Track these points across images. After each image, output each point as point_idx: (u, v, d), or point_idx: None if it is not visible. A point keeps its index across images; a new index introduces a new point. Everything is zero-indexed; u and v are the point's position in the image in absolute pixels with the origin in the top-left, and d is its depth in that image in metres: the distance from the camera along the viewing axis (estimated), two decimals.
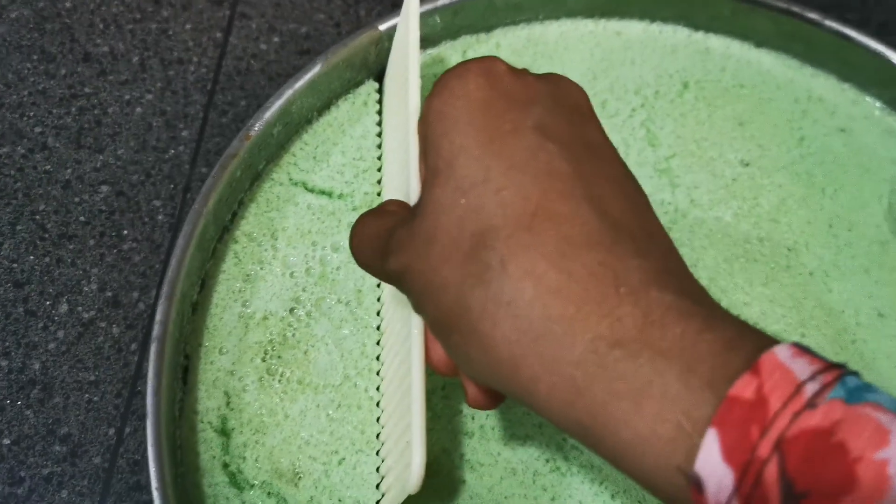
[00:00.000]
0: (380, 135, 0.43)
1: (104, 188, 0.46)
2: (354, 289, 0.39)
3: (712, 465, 0.20)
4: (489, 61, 0.28)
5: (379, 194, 0.42)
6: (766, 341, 0.22)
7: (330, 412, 0.37)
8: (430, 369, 0.30)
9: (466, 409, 0.37)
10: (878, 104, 0.45)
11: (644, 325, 0.22)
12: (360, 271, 0.40)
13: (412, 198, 0.30)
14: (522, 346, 0.23)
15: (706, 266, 0.41)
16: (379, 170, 0.42)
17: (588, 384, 0.22)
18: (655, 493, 0.23)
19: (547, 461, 0.36)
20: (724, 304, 0.39)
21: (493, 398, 0.29)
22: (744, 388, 0.20)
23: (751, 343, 0.22)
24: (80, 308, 0.42)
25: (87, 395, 0.40)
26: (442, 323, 0.25)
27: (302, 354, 0.38)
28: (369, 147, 0.43)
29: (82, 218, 0.45)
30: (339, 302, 0.39)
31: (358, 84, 0.45)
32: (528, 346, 0.23)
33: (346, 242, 0.40)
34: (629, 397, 0.22)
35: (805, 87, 0.45)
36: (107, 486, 0.39)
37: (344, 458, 0.36)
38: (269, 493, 0.35)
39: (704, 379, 0.21)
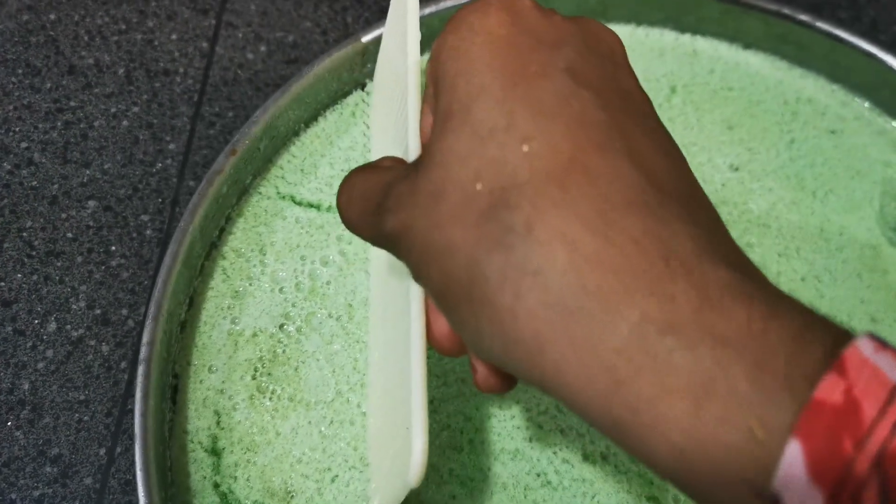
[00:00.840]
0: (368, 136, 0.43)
1: (91, 203, 0.45)
2: (345, 303, 0.39)
3: (795, 483, 0.17)
4: None
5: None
6: (839, 332, 0.19)
7: (322, 429, 0.37)
8: (432, 348, 0.27)
9: (455, 423, 0.37)
10: (867, 105, 0.45)
11: (701, 308, 0.19)
12: (350, 285, 0.39)
13: (411, 156, 0.27)
14: (550, 323, 0.20)
15: None
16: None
17: (632, 375, 0.19)
18: (702, 498, 0.20)
19: (538, 475, 0.36)
20: None
21: (506, 381, 0.26)
22: (830, 390, 0.17)
23: (824, 333, 0.19)
24: (68, 326, 0.42)
25: (77, 415, 0.40)
26: (448, 292, 0.22)
27: (293, 371, 0.38)
28: (357, 158, 0.43)
29: (69, 234, 0.44)
30: (330, 317, 0.39)
31: (345, 94, 0.44)
32: (557, 324, 0.20)
33: (335, 256, 0.40)
34: (685, 395, 0.19)
35: (794, 88, 0.45)
36: None
37: (337, 476, 0.36)
38: None
39: (779, 377, 0.18)
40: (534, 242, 0.20)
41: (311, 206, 0.41)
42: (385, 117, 0.37)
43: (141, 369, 0.34)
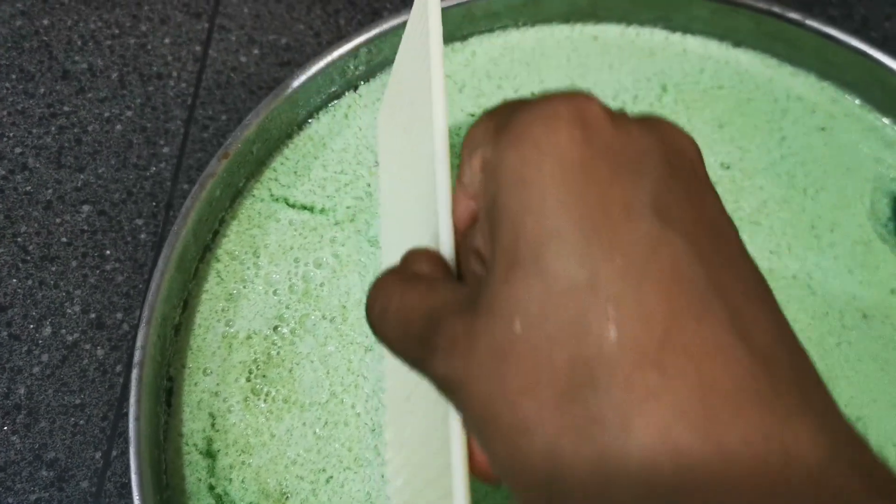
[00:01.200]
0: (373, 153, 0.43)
1: (85, 208, 0.45)
2: (339, 305, 0.39)
3: None
4: (582, 101, 0.21)
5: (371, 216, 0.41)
6: None
7: (317, 430, 0.37)
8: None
9: None
10: (858, 102, 0.45)
11: None
12: (343, 287, 0.39)
13: (443, 250, 0.24)
14: None
15: None
16: (369, 184, 0.42)
17: None
18: None
19: None
20: None
21: None
22: None
23: None
24: (63, 331, 0.42)
25: (73, 419, 0.40)
26: (514, 474, 0.19)
27: (287, 373, 0.38)
28: (350, 160, 0.43)
29: (64, 239, 0.45)
30: (324, 318, 0.39)
31: (338, 96, 0.44)
32: None
33: (328, 258, 0.40)
34: None
35: (784, 86, 0.45)
36: None
37: (332, 476, 0.36)
38: None
39: None
40: (632, 444, 0.17)
41: (304, 208, 0.41)
42: (402, 173, 0.34)
43: (135, 373, 0.34)
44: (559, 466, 0.18)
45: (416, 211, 0.28)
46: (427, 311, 0.21)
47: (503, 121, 0.21)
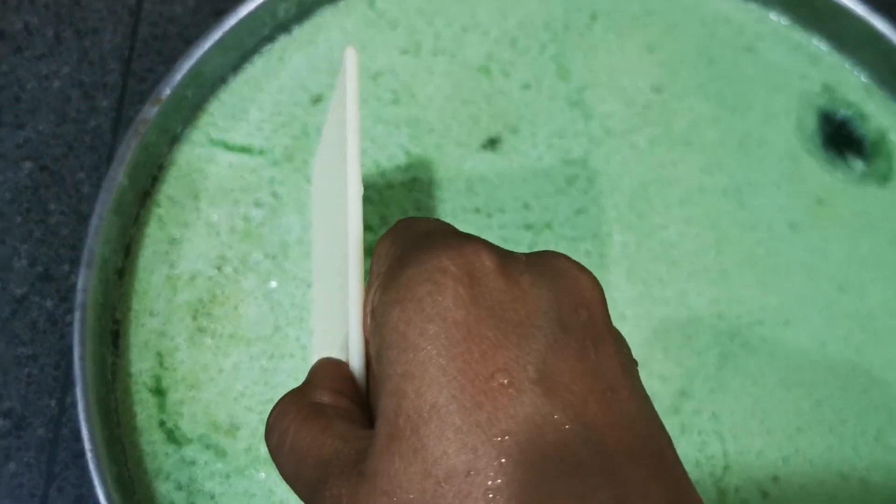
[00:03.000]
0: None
1: (27, 164, 0.46)
2: (280, 242, 0.40)
3: None
4: (472, 252, 0.20)
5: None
6: None
7: (263, 363, 0.38)
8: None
9: None
10: (783, 21, 0.46)
11: None
12: (284, 225, 0.40)
13: (352, 363, 0.23)
14: None
15: (623, 192, 0.42)
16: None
17: None
18: None
19: None
20: (641, 227, 0.40)
21: None
22: None
23: None
24: (12, 285, 0.43)
25: (26, 369, 0.41)
26: None
27: (232, 310, 0.39)
28: (286, 102, 0.43)
29: (8, 195, 0.45)
30: (266, 256, 0.40)
31: (271, 39, 0.45)
32: None
33: (267, 198, 0.41)
34: None
35: (711, 8, 0.46)
36: (52, 455, 0.40)
37: None
38: (207, 446, 0.36)
39: None
40: None
41: (242, 150, 0.42)
42: (327, 236, 0.33)
43: (77, 315, 0.35)
44: None
45: (336, 287, 0.27)
46: (318, 461, 0.21)
47: (400, 257, 0.21)
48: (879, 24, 0.42)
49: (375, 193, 0.41)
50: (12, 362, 0.41)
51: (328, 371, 0.24)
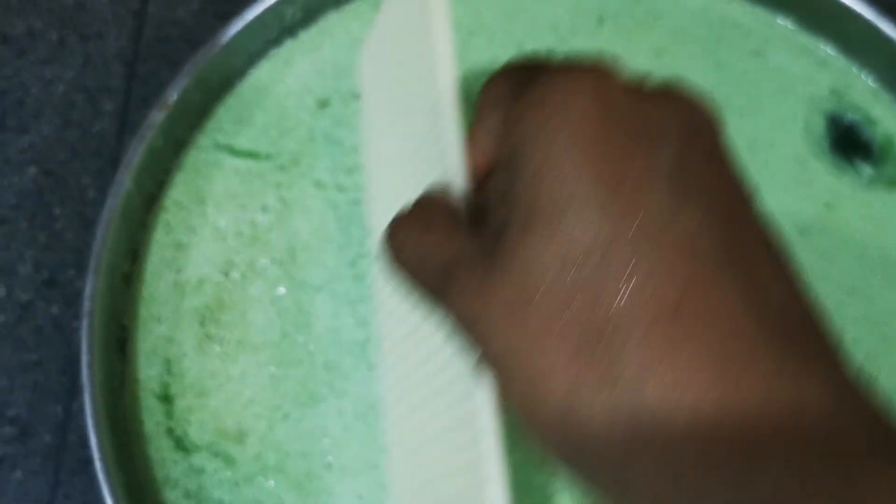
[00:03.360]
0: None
1: (32, 169, 0.45)
2: (287, 248, 0.40)
3: None
4: (601, 74, 0.21)
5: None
6: None
7: (271, 369, 0.38)
8: None
9: None
10: (790, 25, 0.46)
11: (839, 476, 0.17)
12: (291, 230, 0.40)
13: (455, 196, 0.24)
14: (668, 485, 0.18)
15: None
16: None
17: None
18: None
19: None
20: None
21: None
22: None
23: None
24: (17, 290, 0.43)
25: (32, 376, 0.41)
26: (533, 419, 0.20)
27: (239, 316, 0.39)
28: (292, 106, 0.43)
29: (12, 200, 0.45)
30: (273, 262, 0.40)
31: (277, 44, 0.44)
32: (678, 489, 0.18)
33: (274, 203, 0.41)
34: None
35: (718, 12, 0.46)
36: (59, 462, 0.40)
37: (288, 413, 0.37)
38: (215, 454, 0.36)
39: None
40: (647, 397, 0.18)
41: (248, 155, 0.42)
42: (393, 125, 0.33)
43: (85, 322, 0.35)
44: (574, 417, 0.18)
45: (417, 162, 0.28)
46: (445, 259, 0.22)
47: (523, 81, 0.22)
48: (887, 27, 0.42)
49: None
50: (18, 368, 0.41)
51: (434, 199, 0.24)
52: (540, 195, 0.20)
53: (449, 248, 0.22)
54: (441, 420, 0.27)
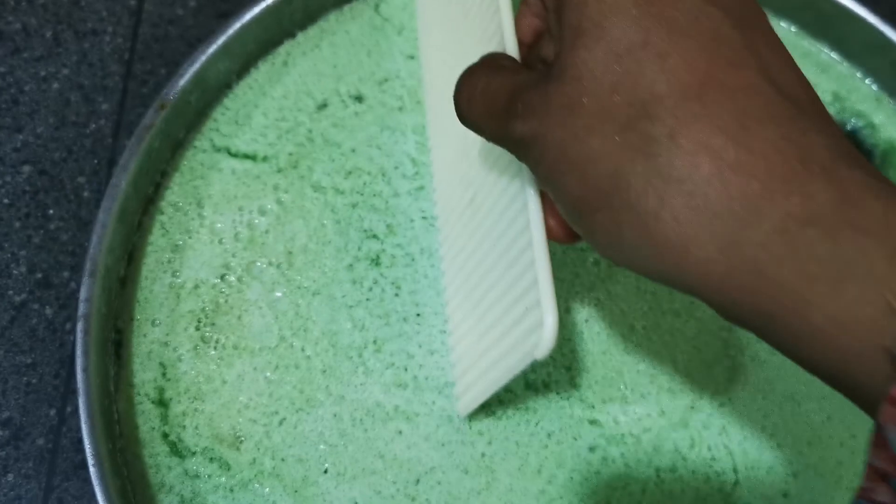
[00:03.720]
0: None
1: (26, 168, 0.45)
2: (284, 251, 0.39)
3: None
4: None
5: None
6: None
7: (268, 374, 0.37)
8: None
9: (399, 361, 0.37)
10: (793, 28, 0.45)
11: (841, 203, 0.20)
12: (288, 233, 0.40)
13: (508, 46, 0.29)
14: (695, 226, 0.21)
15: None
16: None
17: (775, 266, 0.21)
18: (840, 380, 0.21)
19: (482, 406, 0.36)
20: None
21: (573, 235, 0.28)
22: None
23: None
24: (10, 292, 0.42)
25: (25, 378, 0.40)
26: (586, 200, 0.23)
27: (236, 320, 0.38)
28: (290, 107, 0.43)
29: (6, 200, 0.44)
30: (270, 265, 0.39)
31: (275, 44, 0.44)
32: (703, 227, 0.21)
33: (272, 205, 0.40)
34: (825, 279, 0.20)
35: None
36: (52, 466, 0.39)
37: (284, 419, 0.36)
38: (210, 459, 0.36)
39: None
40: (679, 151, 0.21)
41: (246, 156, 0.41)
42: (447, 11, 0.38)
43: (80, 325, 0.34)
44: (619, 180, 0.22)
45: (469, 33, 0.34)
46: (511, 88, 0.25)
47: None
48: (890, 32, 0.42)
49: (381, 202, 0.40)
50: (11, 370, 0.41)
51: (498, 54, 0.28)
52: (585, 14, 0.23)
53: (515, 79, 0.26)
54: (497, 253, 0.32)
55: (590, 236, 0.24)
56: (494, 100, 0.26)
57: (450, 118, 0.29)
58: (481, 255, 0.33)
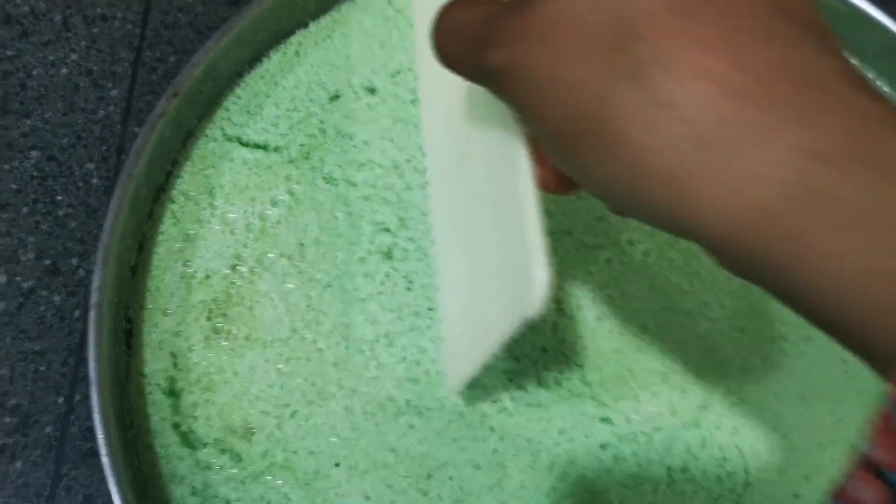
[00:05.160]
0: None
1: (34, 153, 0.45)
2: (296, 242, 0.39)
3: None
4: None
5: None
6: None
7: (279, 366, 0.37)
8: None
9: (410, 356, 0.37)
10: None
11: (852, 136, 0.18)
12: (300, 224, 0.39)
13: None
14: (685, 155, 0.19)
15: None
16: None
17: (782, 207, 0.18)
18: (853, 337, 0.19)
19: (494, 402, 0.36)
20: (663, 236, 0.40)
21: (567, 183, 0.27)
22: None
23: None
24: (18, 278, 0.42)
25: (33, 366, 0.40)
26: (569, 131, 0.21)
27: (247, 311, 0.38)
28: (302, 98, 0.42)
29: (14, 185, 0.44)
30: (282, 256, 0.39)
31: (287, 34, 0.44)
32: (694, 156, 0.19)
33: (283, 196, 0.40)
34: (839, 224, 0.18)
35: None
36: (60, 454, 0.39)
37: (296, 411, 0.36)
38: (222, 450, 0.35)
39: None
40: (671, 74, 0.19)
41: (258, 146, 0.41)
42: None
43: (92, 315, 0.34)
44: (603, 106, 0.20)
45: None
46: (484, 19, 0.23)
47: None
48: None
49: (393, 195, 0.40)
50: (19, 357, 0.40)
51: None
52: None
53: (490, 8, 0.23)
54: (484, 213, 0.30)
55: (577, 173, 0.22)
56: (468, 31, 0.24)
57: (438, 75, 0.28)
58: (470, 217, 0.32)
